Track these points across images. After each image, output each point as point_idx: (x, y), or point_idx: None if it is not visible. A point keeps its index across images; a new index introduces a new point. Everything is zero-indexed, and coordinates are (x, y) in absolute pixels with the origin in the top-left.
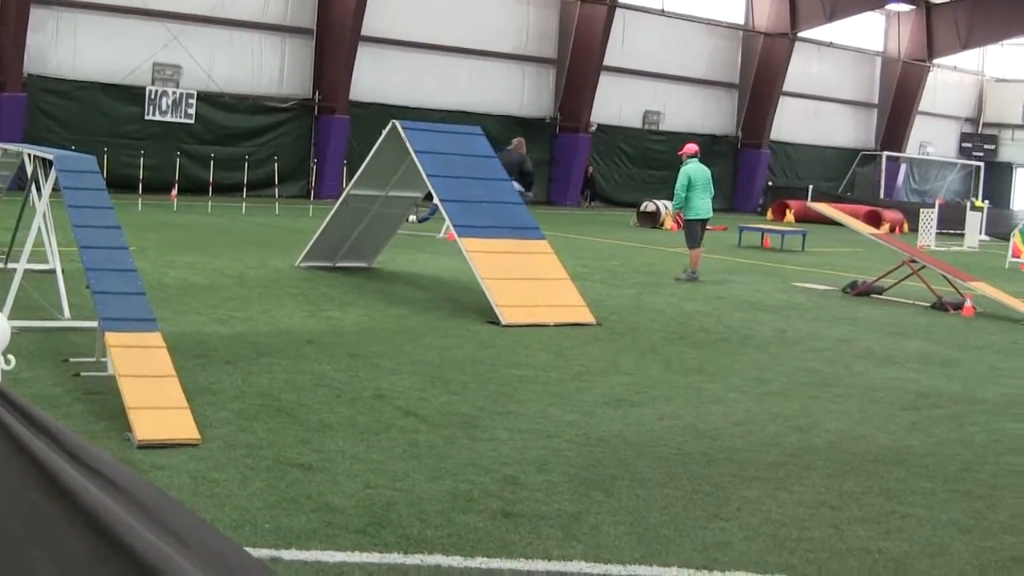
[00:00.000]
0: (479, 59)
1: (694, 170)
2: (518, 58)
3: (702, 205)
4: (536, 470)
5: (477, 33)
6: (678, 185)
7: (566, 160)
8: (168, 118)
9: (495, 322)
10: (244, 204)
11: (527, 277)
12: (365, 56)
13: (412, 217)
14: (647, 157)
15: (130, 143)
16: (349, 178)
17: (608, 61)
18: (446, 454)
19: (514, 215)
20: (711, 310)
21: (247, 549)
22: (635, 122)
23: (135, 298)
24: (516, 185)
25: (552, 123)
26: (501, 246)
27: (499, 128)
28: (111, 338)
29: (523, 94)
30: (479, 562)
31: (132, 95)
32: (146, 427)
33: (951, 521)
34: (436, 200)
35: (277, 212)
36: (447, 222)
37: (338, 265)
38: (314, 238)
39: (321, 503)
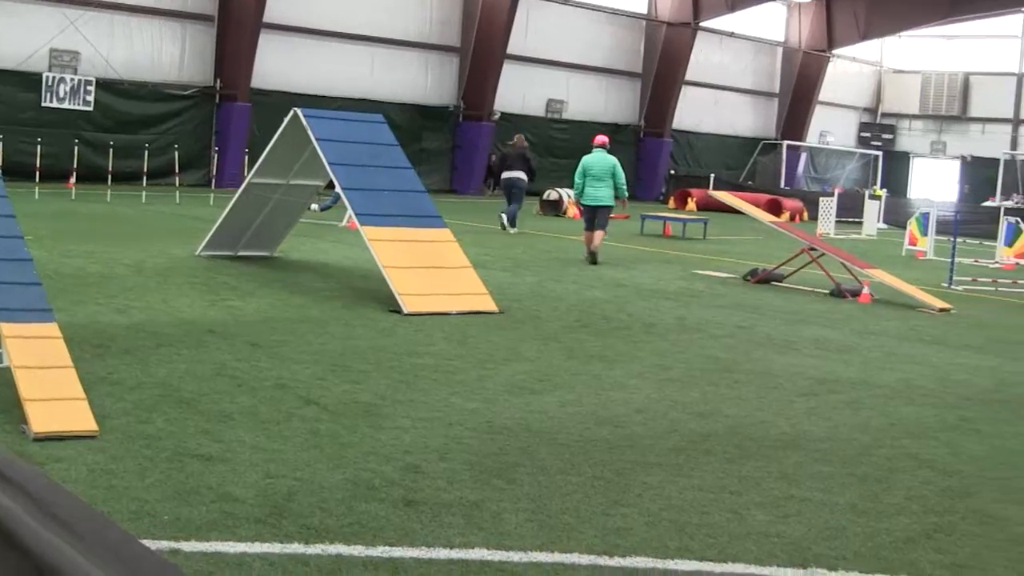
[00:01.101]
0: (383, 47)
1: (589, 159)
2: (422, 46)
3: (591, 193)
4: (438, 458)
5: (381, 21)
6: (576, 173)
7: (469, 148)
8: (66, 105)
9: (397, 311)
10: (144, 192)
11: (429, 265)
12: (267, 43)
13: (314, 206)
14: (550, 145)
15: (26, 130)
16: (251, 166)
17: (512, 49)
18: (347, 443)
19: (416, 204)
20: (613, 297)
21: (146, 542)
22: (539, 111)
23: (30, 288)
24: (522, 175)
25: (455, 111)
26: (403, 234)
27: (403, 116)
28: (6, 329)
29: (427, 82)
30: (381, 551)
31: (28, 81)
32: (42, 419)
33: (848, 504)
34: (338, 188)
35: (178, 201)
36: (349, 210)
37: (240, 254)
38: (215, 227)
39: (221, 493)
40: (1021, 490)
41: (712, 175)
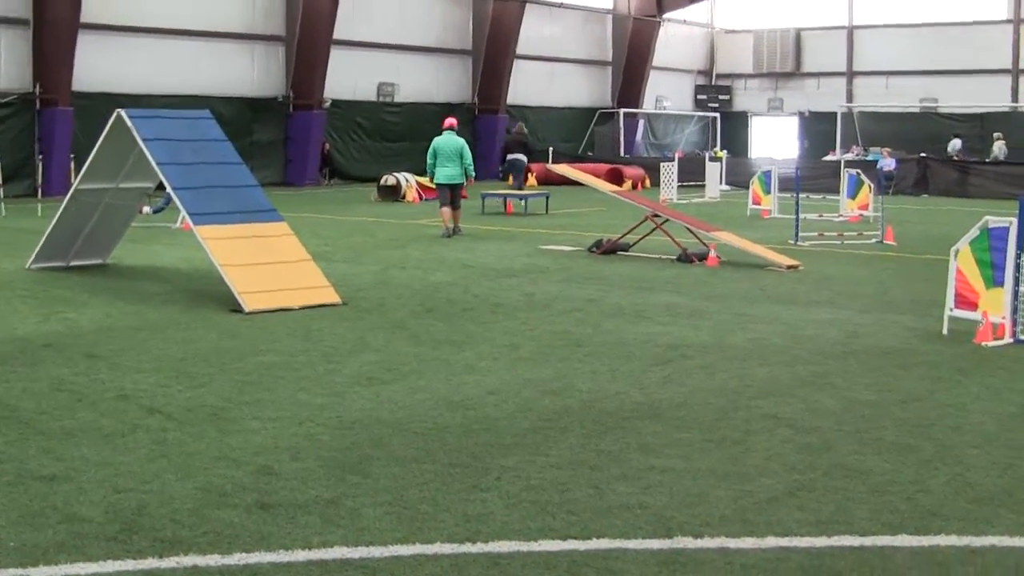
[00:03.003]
0: (207, 40)
1: (439, 141)
2: (247, 37)
3: (443, 172)
4: (290, 458)
5: (203, 14)
6: (428, 154)
7: (301, 139)
8: None
9: (238, 310)
10: None
11: (268, 261)
12: (87, 44)
13: (146, 208)
14: (383, 130)
15: None
16: (78, 172)
17: (339, 35)
18: (195, 450)
19: (250, 199)
20: (457, 280)
21: None
22: (370, 95)
23: None
24: (521, 156)
25: (285, 102)
26: (239, 231)
27: (231, 110)
28: None
29: (254, 74)
30: (237, 558)
31: None
32: None
33: (709, 470)
34: (169, 189)
35: (3, 213)
36: (182, 211)
37: (72, 264)
38: (44, 237)
39: (68, 514)
40: (878, 440)
41: (550, 148)
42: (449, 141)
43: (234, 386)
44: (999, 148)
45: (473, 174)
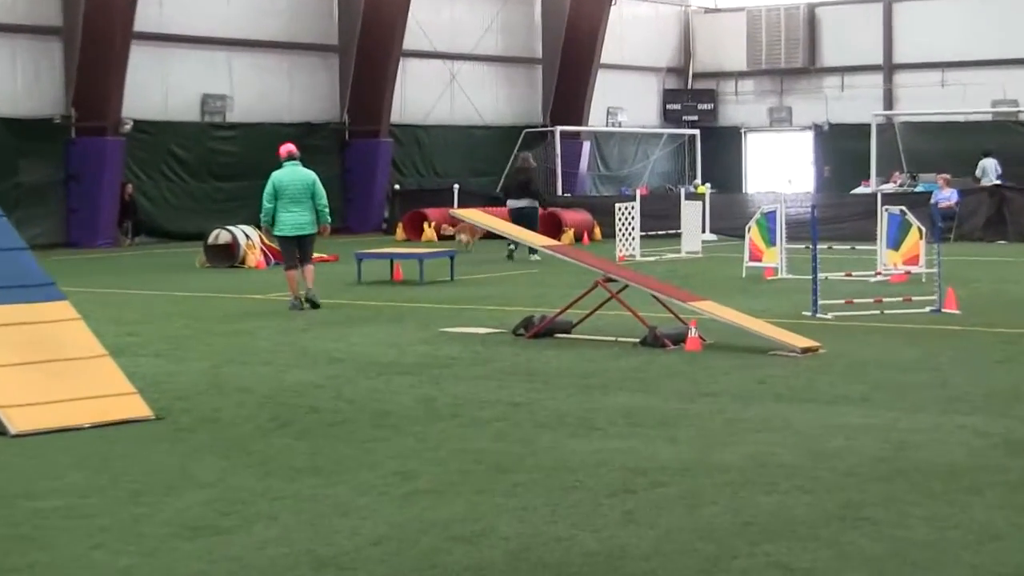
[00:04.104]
0: None
1: (281, 176)
2: (9, 30)
3: (288, 220)
4: None
5: None
6: (264, 194)
7: (92, 178)
8: None
9: (2, 432)
10: None
11: (44, 359)
12: None
13: None
14: (211, 163)
15: None
16: None
17: (141, 25)
18: None
19: (15, 268)
20: (325, 379)
21: None
22: (191, 113)
23: None
24: (524, 203)
25: (65, 124)
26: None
27: None
28: None
29: (16, 84)
30: None
31: None
32: None
33: None
34: None
35: None
36: None
37: None
38: None
39: None
40: None
41: (455, 186)
42: (296, 175)
43: None
44: (985, 168)
45: (328, 220)
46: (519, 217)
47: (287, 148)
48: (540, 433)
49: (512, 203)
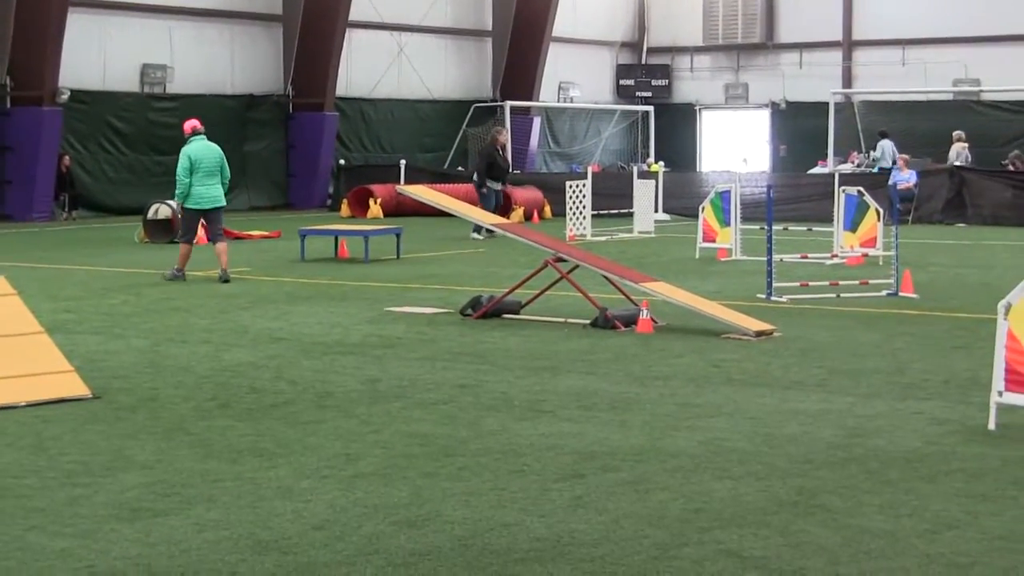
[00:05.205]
0: None
1: (196, 151)
2: None
3: (204, 193)
4: None
5: None
6: (180, 169)
7: (25, 148)
8: None
9: None
10: None
11: None
12: None
13: None
14: (151, 136)
15: None
16: None
17: None
18: None
19: None
20: (266, 359)
21: None
22: (130, 83)
23: None
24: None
25: None
26: None
27: None
28: None
29: None
30: None
31: None
32: None
33: None
34: None
35: None
36: None
37: None
38: None
39: None
40: None
41: (402, 161)
42: (209, 150)
43: None
44: (884, 150)
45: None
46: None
47: (192, 124)
48: (487, 416)
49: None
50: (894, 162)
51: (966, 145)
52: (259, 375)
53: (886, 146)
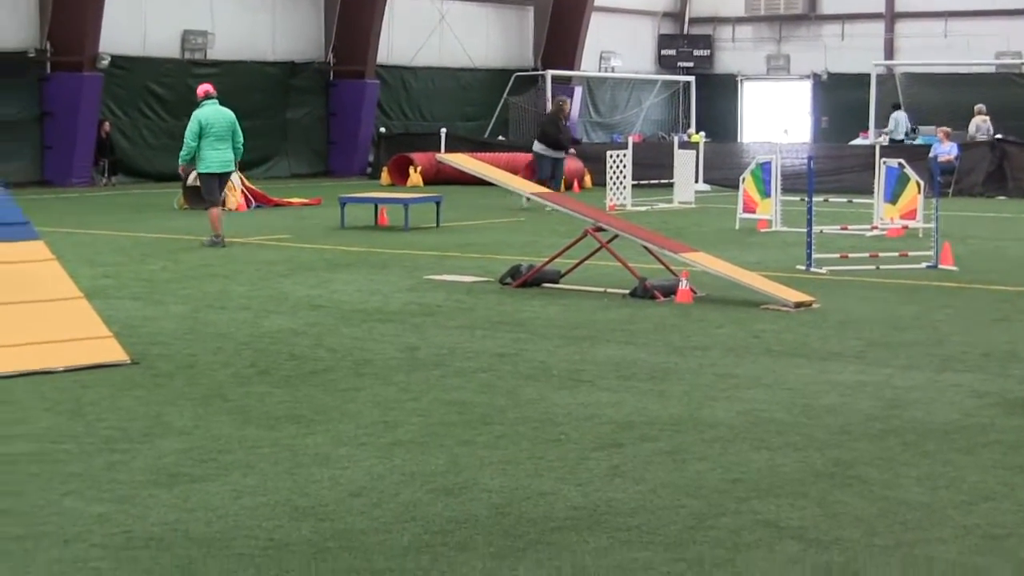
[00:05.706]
0: None
1: (208, 115)
2: None
3: (216, 156)
4: None
5: None
6: (188, 132)
7: (67, 114)
8: None
9: None
10: None
11: (16, 300)
12: None
13: None
14: (191, 102)
15: None
16: None
17: None
18: None
19: None
20: (305, 326)
21: None
22: (171, 50)
23: None
24: (537, 146)
25: (39, 58)
26: None
27: None
28: None
29: None
30: None
31: None
32: None
33: None
34: None
35: None
36: None
37: None
38: None
39: None
40: (930, 560)
41: (443, 130)
42: (220, 114)
43: None
44: (897, 121)
45: (240, 158)
46: (543, 163)
47: (204, 88)
48: (525, 385)
49: (539, 151)
50: (906, 133)
51: (987, 118)
52: (298, 342)
53: (900, 117)
